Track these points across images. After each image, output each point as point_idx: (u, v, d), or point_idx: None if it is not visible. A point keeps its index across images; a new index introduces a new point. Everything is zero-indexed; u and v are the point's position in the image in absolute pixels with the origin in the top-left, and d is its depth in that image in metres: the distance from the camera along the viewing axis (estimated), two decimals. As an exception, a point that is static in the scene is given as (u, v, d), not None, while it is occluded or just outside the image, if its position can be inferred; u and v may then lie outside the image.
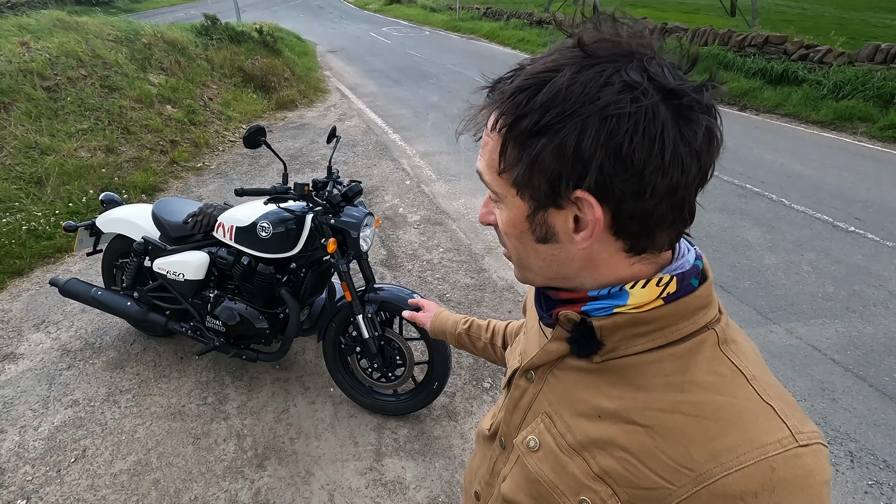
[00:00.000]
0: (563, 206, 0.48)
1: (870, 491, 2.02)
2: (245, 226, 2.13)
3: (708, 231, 4.05)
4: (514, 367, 0.70)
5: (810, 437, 0.46)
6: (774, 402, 0.48)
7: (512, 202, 0.52)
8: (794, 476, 0.44)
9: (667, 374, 0.51)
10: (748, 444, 0.45)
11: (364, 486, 2.01)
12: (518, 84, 0.47)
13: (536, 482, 0.59)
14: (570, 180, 0.46)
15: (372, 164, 5.58)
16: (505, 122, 0.48)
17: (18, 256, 3.50)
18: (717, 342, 0.52)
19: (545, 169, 0.47)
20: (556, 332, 0.59)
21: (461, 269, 3.56)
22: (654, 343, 0.52)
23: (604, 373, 0.55)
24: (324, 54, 13.09)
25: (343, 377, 2.33)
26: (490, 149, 0.52)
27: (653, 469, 0.49)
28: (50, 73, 5.23)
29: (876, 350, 2.76)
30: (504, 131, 0.49)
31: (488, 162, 0.53)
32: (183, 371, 2.57)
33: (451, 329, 1.09)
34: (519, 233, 0.54)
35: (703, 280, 0.54)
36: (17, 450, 2.15)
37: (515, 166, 0.49)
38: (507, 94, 0.48)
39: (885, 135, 6.45)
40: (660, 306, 0.52)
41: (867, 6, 18.86)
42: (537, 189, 0.49)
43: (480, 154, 0.54)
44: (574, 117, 0.44)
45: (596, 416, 0.55)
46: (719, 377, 0.50)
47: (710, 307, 0.53)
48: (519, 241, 0.55)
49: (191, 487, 2.00)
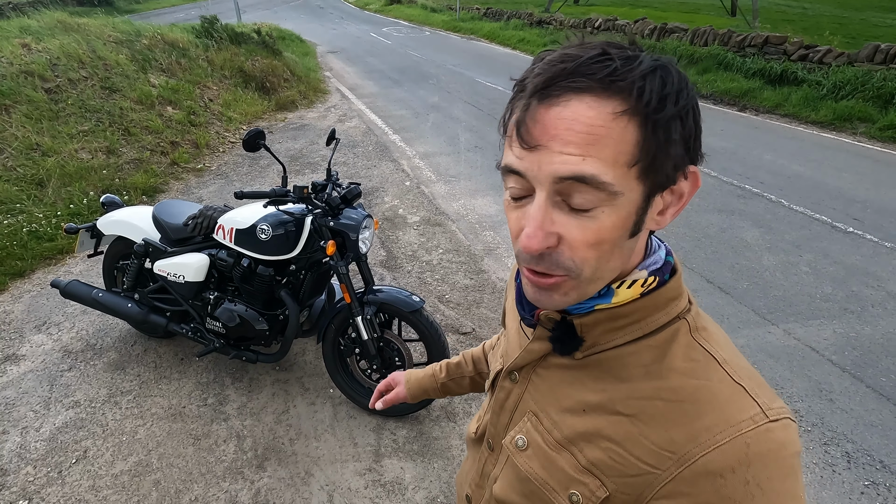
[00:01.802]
0: (678, 182, 0.50)
1: (866, 492, 2.03)
2: (245, 228, 2.15)
3: (706, 231, 4.06)
4: (497, 370, 0.71)
5: (779, 412, 0.48)
6: (745, 382, 0.50)
7: (628, 198, 0.47)
8: (767, 449, 0.46)
9: (645, 363, 0.53)
10: (724, 423, 0.47)
11: (363, 486, 2.03)
12: (643, 70, 0.45)
13: (527, 480, 0.61)
14: (690, 158, 0.49)
15: (372, 164, 5.59)
16: (648, 107, 0.44)
17: (20, 258, 3.52)
18: (689, 330, 0.54)
19: (675, 153, 0.47)
20: (538, 332, 0.60)
21: (460, 270, 3.57)
22: (632, 335, 0.54)
23: (586, 368, 0.57)
24: (324, 55, 13.10)
25: (342, 378, 2.34)
26: (614, 140, 0.44)
27: (638, 456, 0.51)
28: (51, 74, 5.25)
29: (873, 351, 2.77)
30: (642, 117, 0.45)
31: (612, 155, 0.45)
32: (183, 372, 2.59)
33: (431, 384, 1.01)
34: (618, 235, 0.48)
35: (673, 273, 0.56)
36: (18, 451, 2.17)
37: (650, 153, 0.46)
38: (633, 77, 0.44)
39: (884, 135, 6.46)
40: (635, 299, 0.54)
41: (868, 5, 18.85)
42: (662, 173, 0.47)
43: (580, 152, 0.44)
44: (692, 98, 0.47)
45: (581, 410, 0.56)
46: (694, 362, 0.52)
47: (681, 298, 0.56)
48: (612, 245, 0.49)
49: (191, 488, 2.01)
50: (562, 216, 0.47)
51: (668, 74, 0.46)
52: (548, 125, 0.45)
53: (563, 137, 0.44)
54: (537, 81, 0.46)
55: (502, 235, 4.05)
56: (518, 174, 0.48)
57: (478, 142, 6.34)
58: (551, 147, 0.45)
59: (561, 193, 0.46)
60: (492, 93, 8.89)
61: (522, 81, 0.49)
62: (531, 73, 0.48)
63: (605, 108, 0.44)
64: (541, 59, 0.49)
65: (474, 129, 6.88)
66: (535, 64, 0.49)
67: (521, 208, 0.50)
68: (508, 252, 3.81)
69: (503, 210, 4.41)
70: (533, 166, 0.46)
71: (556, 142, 0.45)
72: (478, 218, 4.36)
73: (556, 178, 0.45)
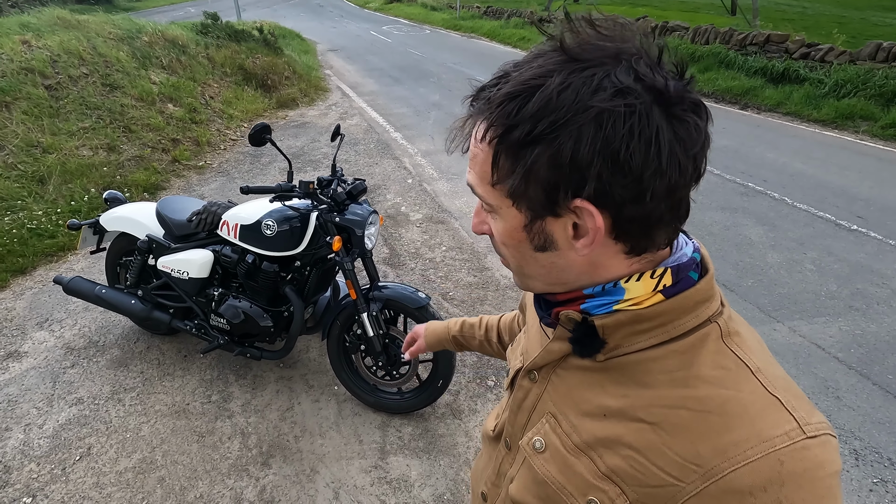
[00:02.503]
0: (562, 214, 0.48)
1: (875, 489, 2.02)
2: (249, 224, 2.13)
3: (710, 229, 4.05)
4: (517, 368, 0.69)
5: (818, 428, 0.45)
6: (781, 393, 0.47)
7: (507, 213, 0.51)
8: (803, 469, 0.43)
9: (671, 370, 0.50)
10: (755, 438, 0.44)
11: (369, 483, 2.01)
12: (506, 92, 0.45)
13: (544, 483, 0.59)
14: (568, 189, 0.45)
15: (374, 162, 5.57)
16: (496, 132, 0.46)
17: (21, 255, 3.50)
18: (720, 336, 0.51)
19: (541, 179, 0.46)
20: (558, 332, 0.58)
21: (464, 267, 3.56)
22: (657, 339, 0.51)
23: (608, 371, 0.55)
24: (324, 53, 13.08)
25: (347, 375, 2.33)
26: (480, 160, 0.50)
27: (660, 466, 0.48)
28: (51, 71, 5.23)
29: (879, 348, 2.76)
30: (495, 142, 0.47)
31: (479, 174, 0.51)
32: (187, 369, 2.57)
33: (445, 335, 1.08)
34: (516, 242, 0.53)
35: (704, 273, 0.54)
36: (22, 448, 2.15)
37: (509, 177, 0.48)
38: (495, 103, 0.46)
39: (886, 133, 6.45)
40: (660, 302, 0.51)
41: (868, 5, 18.84)
42: (533, 199, 0.48)
43: (470, 166, 0.52)
44: (568, 125, 0.43)
45: (601, 414, 0.54)
46: (724, 371, 0.49)
47: (712, 300, 0.53)
48: (517, 251, 0.54)
49: (196, 485, 2.00)
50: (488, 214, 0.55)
51: (532, 102, 0.43)
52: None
53: (470, 151, 0.52)
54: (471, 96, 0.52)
55: (505, 233, 4.03)
56: None
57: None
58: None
59: None
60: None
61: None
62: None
63: (479, 130, 0.49)
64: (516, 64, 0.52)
65: (476, 126, 6.86)
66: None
67: None
68: (512, 249, 3.80)
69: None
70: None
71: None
72: (480, 215, 4.35)
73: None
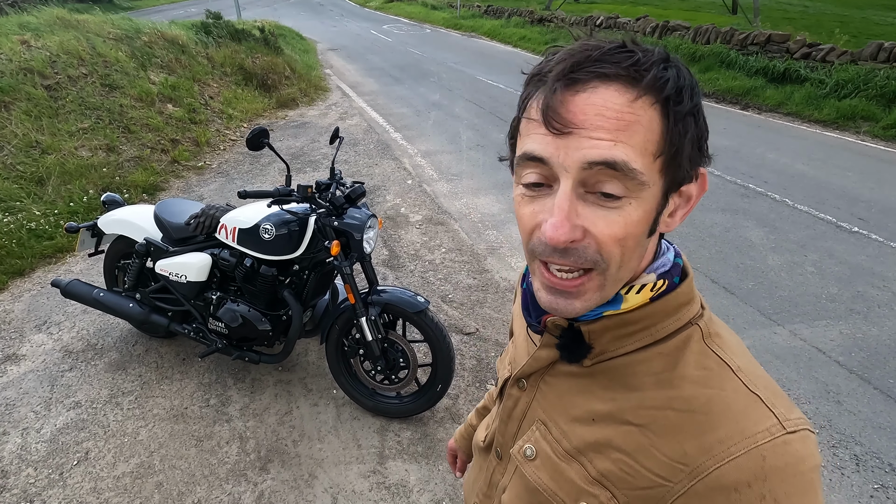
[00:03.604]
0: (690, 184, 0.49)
1: (875, 495, 2.01)
2: (248, 227, 2.12)
3: (711, 231, 4.03)
4: (505, 377, 0.69)
5: (797, 423, 0.46)
6: (761, 391, 0.48)
7: (652, 191, 0.46)
8: (784, 463, 0.44)
9: (656, 371, 0.51)
10: (738, 435, 0.45)
11: (367, 488, 2.01)
12: (662, 63, 0.45)
13: (536, 491, 0.59)
14: (700, 157, 0.48)
15: (373, 163, 5.56)
16: (672, 98, 0.44)
17: (19, 256, 3.49)
18: (702, 337, 0.52)
19: (691, 148, 0.47)
20: (545, 339, 0.59)
21: (463, 269, 3.55)
22: (642, 342, 0.53)
23: (595, 376, 0.55)
24: (324, 52, 13.05)
25: (346, 379, 2.32)
26: (643, 128, 0.43)
27: (649, 468, 0.49)
28: (50, 71, 5.22)
29: (881, 352, 2.75)
30: (672, 105, 0.44)
31: (642, 143, 0.43)
32: (185, 373, 2.56)
33: (470, 432, 1.06)
34: (644, 230, 0.47)
35: (684, 277, 0.55)
36: (19, 452, 2.14)
37: (673, 145, 0.45)
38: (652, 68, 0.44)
39: (888, 134, 6.43)
40: (644, 305, 0.52)
41: (869, 4, 18.80)
42: (683, 167, 0.47)
43: (612, 137, 0.42)
44: (700, 97, 0.46)
45: (590, 419, 0.55)
46: (707, 371, 0.50)
47: (693, 303, 0.54)
48: (636, 242, 0.47)
49: (194, 490, 1.99)
50: (587, 209, 0.45)
51: (680, 70, 0.46)
52: (576, 110, 0.43)
53: (593, 122, 0.43)
54: (562, 67, 0.44)
55: (505, 235, 4.02)
56: (541, 161, 0.45)
57: (480, 140, 6.31)
58: (580, 132, 0.43)
59: (586, 183, 0.44)
60: (493, 91, 8.85)
61: (541, 71, 0.47)
62: (552, 62, 0.47)
63: (632, 96, 0.43)
64: (555, 52, 0.48)
65: (476, 127, 6.85)
66: (551, 56, 0.48)
67: (536, 201, 0.48)
68: (511, 251, 3.79)
69: (506, 209, 4.44)
70: (559, 152, 0.44)
71: (585, 127, 0.43)
72: (480, 217, 4.34)
73: (584, 164, 0.43)
